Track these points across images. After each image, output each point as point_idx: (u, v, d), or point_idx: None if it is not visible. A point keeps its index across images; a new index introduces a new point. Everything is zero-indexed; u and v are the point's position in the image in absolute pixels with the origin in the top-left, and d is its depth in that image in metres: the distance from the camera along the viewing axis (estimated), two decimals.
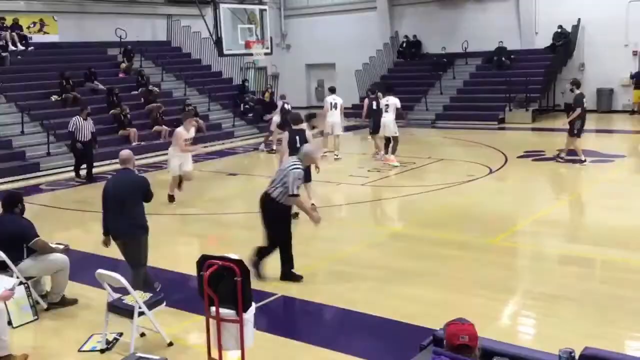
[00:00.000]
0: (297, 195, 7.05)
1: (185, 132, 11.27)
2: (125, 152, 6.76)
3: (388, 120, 14.27)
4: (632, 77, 21.50)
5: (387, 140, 14.49)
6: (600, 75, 22.32)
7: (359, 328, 6.11)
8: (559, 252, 8.24)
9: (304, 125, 10.40)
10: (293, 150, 10.02)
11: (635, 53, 22.03)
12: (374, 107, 15.14)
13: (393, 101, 14.38)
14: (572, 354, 3.43)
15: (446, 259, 7.92)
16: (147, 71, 21.20)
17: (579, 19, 22.27)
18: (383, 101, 14.60)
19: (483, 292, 6.76)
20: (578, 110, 13.43)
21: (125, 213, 6.46)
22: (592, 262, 7.70)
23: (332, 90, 16.39)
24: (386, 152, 14.45)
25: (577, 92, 13.82)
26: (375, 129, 15.02)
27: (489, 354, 3.61)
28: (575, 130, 13.49)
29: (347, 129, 21.69)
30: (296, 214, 9.95)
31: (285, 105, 16.99)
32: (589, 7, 22.00)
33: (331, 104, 15.76)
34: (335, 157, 15.14)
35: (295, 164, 7.08)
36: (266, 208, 7.20)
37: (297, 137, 9.86)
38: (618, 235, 8.52)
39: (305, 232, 9.60)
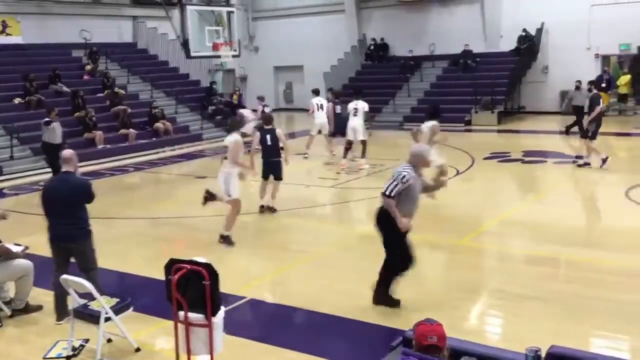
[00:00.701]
0: (389, 197, 6.12)
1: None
2: (67, 153, 6.33)
3: (357, 124, 14.28)
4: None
5: (349, 144, 14.43)
6: (563, 77, 22.72)
7: (330, 330, 6.11)
8: (525, 252, 8.37)
9: (275, 125, 10.77)
10: (265, 149, 10.46)
11: (597, 56, 22.52)
12: (338, 110, 15.21)
13: (362, 105, 14.41)
14: (539, 353, 3.49)
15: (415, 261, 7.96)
16: (112, 73, 20.91)
17: (543, 23, 22.68)
18: (351, 105, 14.60)
19: (451, 293, 6.83)
20: (598, 109, 13.31)
21: (68, 217, 6.10)
22: (558, 262, 7.83)
23: (316, 92, 16.44)
24: (344, 157, 14.41)
25: (595, 91, 13.79)
26: (336, 131, 15.11)
27: (457, 354, 3.64)
28: (590, 133, 13.35)
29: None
30: (274, 209, 10.10)
31: (265, 108, 16.80)
32: (552, 10, 22.43)
33: (317, 105, 15.77)
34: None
35: (404, 168, 6.18)
36: (382, 223, 6.34)
37: (268, 136, 10.23)
38: (583, 235, 8.70)
39: (276, 235, 9.59)
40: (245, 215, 10.68)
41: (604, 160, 13.11)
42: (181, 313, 4.52)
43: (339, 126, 15.07)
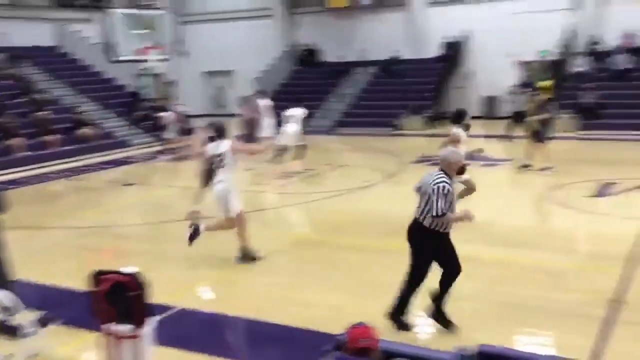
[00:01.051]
0: (443, 215, 5.74)
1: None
2: None
3: (290, 130, 14.20)
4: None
5: (281, 150, 14.37)
6: (486, 83, 23.56)
7: (262, 336, 6.07)
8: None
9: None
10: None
11: (518, 62, 23.41)
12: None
13: (299, 112, 14.41)
14: (469, 352, 3.56)
15: (346, 264, 8.03)
16: (34, 78, 20.12)
17: (467, 30, 23.41)
18: (288, 112, 14.51)
19: (383, 296, 6.90)
20: (547, 114, 13.88)
21: None
22: (485, 262, 8.05)
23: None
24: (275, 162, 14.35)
25: (540, 96, 14.38)
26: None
27: (389, 356, 3.68)
28: (540, 136, 13.73)
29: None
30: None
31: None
32: (476, 18, 23.20)
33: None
34: None
35: (439, 177, 5.80)
36: (416, 238, 6.05)
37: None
38: (508, 236, 8.98)
39: (208, 242, 9.45)
40: (178, 223, 10.49)
41: (526, 166, 13.61)
42: (109, 325, 4.38)
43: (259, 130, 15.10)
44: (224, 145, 7.93)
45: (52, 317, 5.48)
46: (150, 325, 4.50)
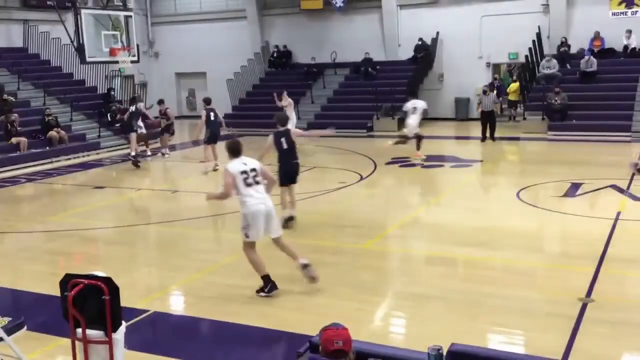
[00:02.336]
0: None
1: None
2: None
3: (414, 121, 15.63)
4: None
5: (406, 139, 15.95)
6: (457, 85, 23.79)
7: (236, 339, 6.04)
8: (426, 253, 8.64)
9: (290, 126, 10.22)
10: (281, 152, 9.56)
11: (488, 64, 23.72)
12: (212, 117, 15.20)
13: (421, 104, 15.98)
14: (440, 351, 3.59)
15: (320, 265, 8.01)
16: (1, 79, 19.75)
17: (438, 32, 23.61)
18: (410, 104, 16.01)
19: (356, 296, 6.94)
20: None
21: None
22: (456, 262, 8.14)
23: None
24: (418, 148, 15.77)
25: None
26: (211, 138, 15.12)
27: (363, 356, 3.69)
28: None
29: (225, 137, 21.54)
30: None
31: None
32: (446, 21, 23.42)
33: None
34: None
35: None
36: None
37: (283, 139, 9.47)
38: (479, 235, 9.09)
39: (179, 245, 9.38)
40: (149, 226, 10.41)
41: None
42: (79, 330, 4.31)
43: (214, 133, 15.12)
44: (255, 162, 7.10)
45: (18, 324, 5.38)
46: (121, 330, 4.44)
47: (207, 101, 15.83)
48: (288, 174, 9.63)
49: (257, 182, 6.90)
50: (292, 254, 7.09)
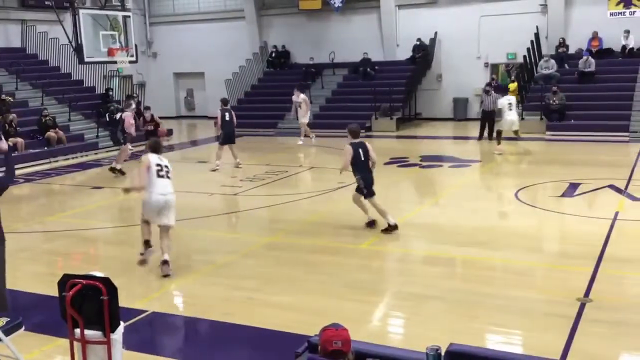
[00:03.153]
0: None
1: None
2: None
3: (511, 117, 16.34)
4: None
5: (500, 134, 16.61)
6: (456, 85, 23.82)
7: (235, 339, 6.04)
8: (424, 253, 8.64)
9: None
10: (358, 165, 9.31)
11: (486, 65, 23.73)
12: (227, 118, 15.13)
13: (514, 100, 16.58)
14: (439, 351, 3.59)
15: (319, 266, 8.04)
16: (0, 79, 19.71)
17: (436, 33, 23.62)
18: (504, 100, 16.38)
19: (355, 296, 6.94)
20: None
21: None
22: (455, 262, 8.15)
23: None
24: (499, 143, 16.49)
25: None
26: (225, 139, 15.04)
27: (362, 357, 3.69)
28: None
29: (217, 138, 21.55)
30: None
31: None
32: (445, 21, 23.44)
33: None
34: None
35: None
36: None
37: (360, 150, 9.24)
38: (477, 235, 9.09)
39: (178, 245, 9.38)
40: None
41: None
42: (77, 330, 4.31)
43: (227, 134, 15.06)
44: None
45: (17, 324, 5.37)
46: (119, 330, 4.44)
47: (224, 102, 15.80)
48: (369, 185, 9.39)
49: (168, 177, 7.80)
50: (165, 246, 7.83)
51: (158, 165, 7.75)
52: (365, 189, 9.35)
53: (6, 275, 6.30)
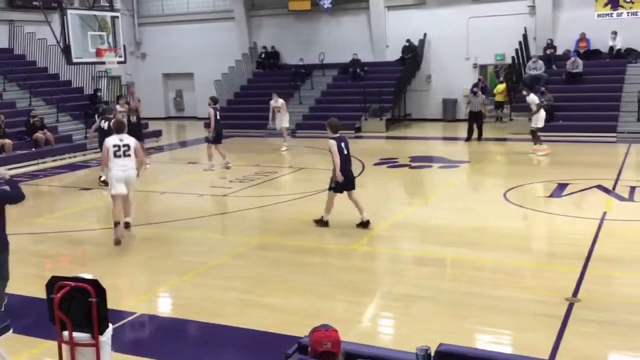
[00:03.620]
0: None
1: None
2: None
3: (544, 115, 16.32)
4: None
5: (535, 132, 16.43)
6: (445, 86, 23.90)
7: (224, 341, 6.02)
8: (414, 253, 8.66)
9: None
10: (341, 159, 9.46)
11: (475, 66, 23.82)
12: (218, 117, 15.10)
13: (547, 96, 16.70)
14: (428, 352, 3.60)
15: (308, 267, 8.04)
16: None
17: (425, 34, 23.70)
18: (534, 97, 16.35)
19: (345, 297, 6.94)
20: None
21: None
22: (444, 262, 8.17)
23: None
24: (536, 143, 16.33)
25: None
26: (217, 139, 14.99)
27: (352, 357, 3.69)
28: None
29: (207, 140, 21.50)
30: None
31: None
32: (434, 22, 23.53)
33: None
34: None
35: None
36: None
37: (343, 144, 9.57)
38: (466, 236, 9.12)
39: (167, 246, 9.35)
40: (137, 227, 10.35)
41: None
42: (66, 333, 4.28)
43: (219, 133, 15.04)
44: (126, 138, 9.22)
45: (5, 326, 5.33)
46: (108, 332, 4.41)
47: (215, 100, 15.74)
48: (346, 180, 9.52)
49: (127, 155, 9.07)
50: (126, 212, 9.65)
51: (115, 146, 9.07)
52: (344, 182, 9.50)
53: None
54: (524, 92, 16.73)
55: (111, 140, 9.14)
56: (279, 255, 8.56)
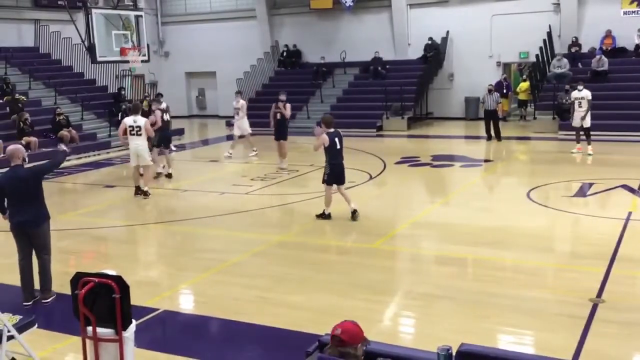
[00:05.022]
0: None
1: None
2: (10, 148, 6.84)
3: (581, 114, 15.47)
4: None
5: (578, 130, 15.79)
6: (467, 84, 23.71)
7: (245, 338, 6.05)
8: (435, 253, 8.62)
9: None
10: (333, 152, 9.89)
11: (498, 64, 23.61)
12: (278, 116, 15.33)
13: (586, 94, 15.37)
14: (450, 351, 3.59)
15: (329, 265, 8.05)
16: (12, 79, 19.90)
17: (448, 31, 23.55)
18: (576, 94, 15.52)
19: (365, 296, 6.94)
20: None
21: (26, 207, 6.67)
22: (466, 262, 8.12)
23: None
24: (578, 142, 15.87)
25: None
26: (280, 135, 15.22)
27: (372, 356, 3.69)
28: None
29: (229, 137, 21.61)
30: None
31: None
32: (456, 20, 23.36)
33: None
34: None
35: None
36: None
37: (336, 139, 9.86)
38: (488, 235, 9.06)
39: (188, 243, 9.42)
40: (159, 224, 10.45)
41: None
42: (89, 328, 4.34)
43: (280, 131, 15.24)
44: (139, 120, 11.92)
45: (29, 322, 5.41)
46: (131, 328, 4.46)
47: (277, 99, 15.90)
48: (336, 173, 9.96)
49: (138, 134, 11.85)
50: (144, 180, 12.38)
51: (130, 126, 11.88)
52: (334, 176, 9.91)
53: (17, 274, 6.36)
54: (579, 88, 15.93)
55: (128, 121, 11.97)
56: (300, 254, 8.58)
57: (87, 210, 11.88)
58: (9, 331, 5.08)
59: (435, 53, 23.45)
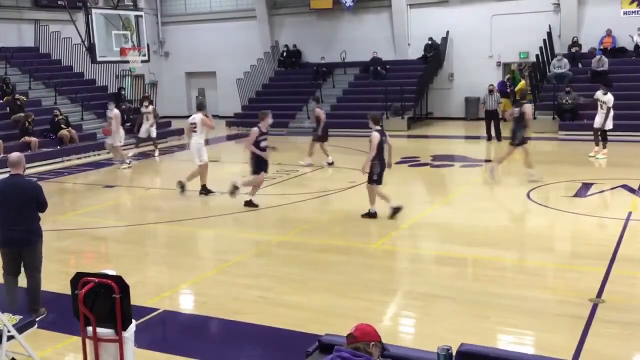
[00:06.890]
0: None
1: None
2: (15, 156, 6.46)
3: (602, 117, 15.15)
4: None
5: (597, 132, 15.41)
6: (468, 84, 23.71)
7: (246, 338, 6.05)
8: (435, 253, 8.62)
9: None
10: (380, 152, 10.10)
11: (498, 64, 23.61)
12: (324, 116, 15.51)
13: (608, 98, 15.09)
14: (450, 351, 3.59)
15: (329, 265, 8.04)
16: (12, 79, 19.89)
17: (448, 32, 23.54)
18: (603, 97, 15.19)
19: (366, 296, 6.94)
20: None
21: (19, 220, 6.22)
22: (466, 262, 8.12)
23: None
24: (597, 144, 15.33)
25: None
26: (322, 136, 15.37)
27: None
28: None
29: (229, 138, 21.61)
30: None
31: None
32: (456, 20, 23.36)
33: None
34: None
35: None
36: None
37: (384, 138, 10.09)
38: (488, 235, 9.06)
39: (189, 243, 9.42)
40: (159, 225, 10.45)
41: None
42: (89, 328, 4.34)
43: (323, 131, 15.39)
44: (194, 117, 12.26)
45: (29, 322, 5.41)
46: (131, 328, 4.46)
47: (317, 99, 16.09)
48: (381, 173, 10.12)
49: (194, 131, 12.22)
50: (200, 176, 12.49)
51: (192, 124, 12.27)
52: (379, 175, 10.01)
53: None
54: (602, 92, 15.73)
55: (190, 120, 12.45)
56: (300, 254, 8.58)
57: (87, 210, 11.88)
58: (9, 331, 5.08)
59: (435, 53, 23.45)
